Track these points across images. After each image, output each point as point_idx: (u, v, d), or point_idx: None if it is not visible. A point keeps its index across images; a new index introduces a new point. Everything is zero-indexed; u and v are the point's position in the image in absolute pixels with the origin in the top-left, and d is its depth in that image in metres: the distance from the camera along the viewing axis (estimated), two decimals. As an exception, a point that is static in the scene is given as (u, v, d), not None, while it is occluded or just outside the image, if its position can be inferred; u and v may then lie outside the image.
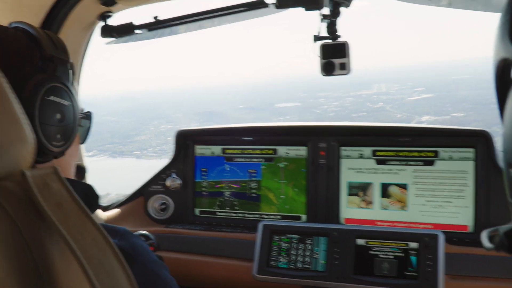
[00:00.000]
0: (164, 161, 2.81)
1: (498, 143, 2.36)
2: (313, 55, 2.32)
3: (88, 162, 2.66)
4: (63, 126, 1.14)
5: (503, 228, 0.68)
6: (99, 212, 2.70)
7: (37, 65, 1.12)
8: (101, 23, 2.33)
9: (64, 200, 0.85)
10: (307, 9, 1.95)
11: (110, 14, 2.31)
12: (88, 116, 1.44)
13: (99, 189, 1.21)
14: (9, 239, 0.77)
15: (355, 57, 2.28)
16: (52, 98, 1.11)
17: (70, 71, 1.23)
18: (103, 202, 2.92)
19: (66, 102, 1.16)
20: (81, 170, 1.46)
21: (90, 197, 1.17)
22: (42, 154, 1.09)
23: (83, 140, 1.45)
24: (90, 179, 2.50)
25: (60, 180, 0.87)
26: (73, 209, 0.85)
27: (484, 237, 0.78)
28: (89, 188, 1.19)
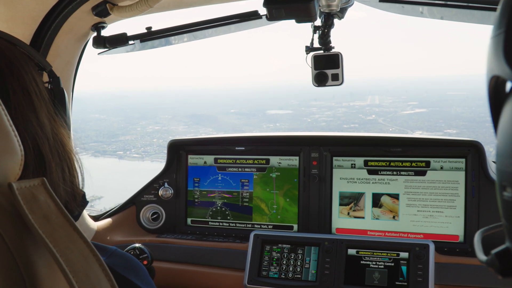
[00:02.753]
0: (146, 164, 2.81)
1: (491, 157, 2.37)
2: (305, 65, 2.34)
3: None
4: None
5: (495, 250, 0.66)
6: (90, 222, 2.69)
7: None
8: (94, 34, 2.33)
9: (51, 212, 0.84)
10: (298, 22, 1.96)
11: (104, 25, 2.32)
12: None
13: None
14: None
15: (351, 67, 2.29)
16: None
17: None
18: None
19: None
20: None
21: (76, 196, 1.16)
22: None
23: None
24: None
25: (48, 192, 0.87)
26: (61, 222, 0.84)
27: (477, 244, 0.77)
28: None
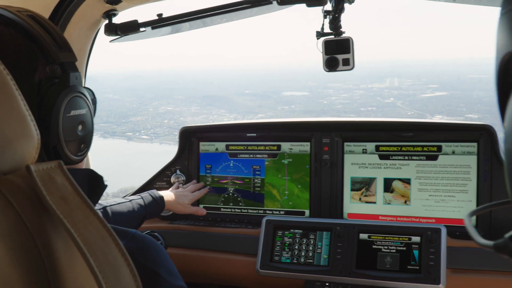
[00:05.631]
0: (155, 146, 2.81)
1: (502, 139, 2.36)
2: (316, 50, 2.34)
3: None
4: (85, 135, 1.14)
5: (508, 234, 0.65)
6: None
7: (44, 71, 1.06)
8: (106, 21, 2.35)
9: (68, 193, 0.86)
10: (309, 5, 1.96)
11: (115, 12, 2.33)
12: (93, 100, 1.38)
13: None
14: (14, 232, 0.78)
15: (369, 48, 2.26)
16: (72, 113, 1.08)
17: (79, 73, 1.14)
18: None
19: (84, 111, 1.13)
20: None
21: (94, 180, 1.19)
22: (67, 164, 1.08)
23: None
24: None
25: (65, 174, 0.88)
26: (78, 203, 0.86)
27: (470, 227, 0.75)
28: (91, 172, 1.21)
